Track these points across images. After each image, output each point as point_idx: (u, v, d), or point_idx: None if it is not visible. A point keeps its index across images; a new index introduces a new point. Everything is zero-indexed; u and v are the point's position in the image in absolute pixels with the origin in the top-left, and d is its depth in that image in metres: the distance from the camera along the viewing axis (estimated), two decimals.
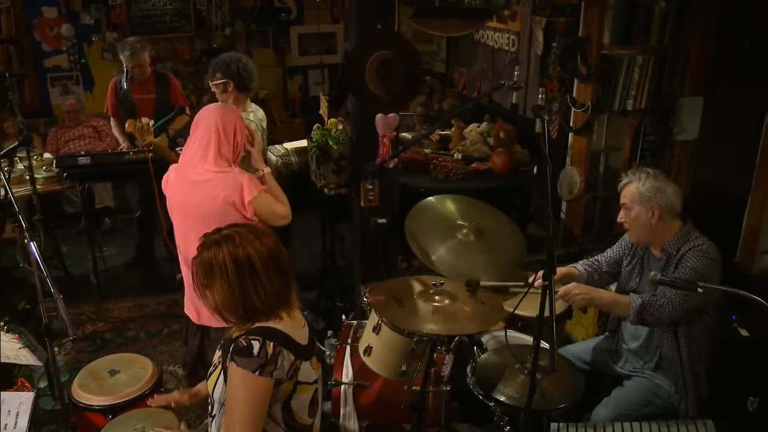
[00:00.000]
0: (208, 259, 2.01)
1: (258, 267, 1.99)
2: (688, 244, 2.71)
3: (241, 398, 1.98)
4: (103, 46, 6.42)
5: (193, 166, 2.85)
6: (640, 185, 2.72)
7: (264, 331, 2.01)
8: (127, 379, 2.70)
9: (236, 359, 1.97)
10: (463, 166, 4.23)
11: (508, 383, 2.48)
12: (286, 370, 2.01)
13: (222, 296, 2.01)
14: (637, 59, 3.92)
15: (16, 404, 2.42)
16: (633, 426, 2.59)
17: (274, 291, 2.03)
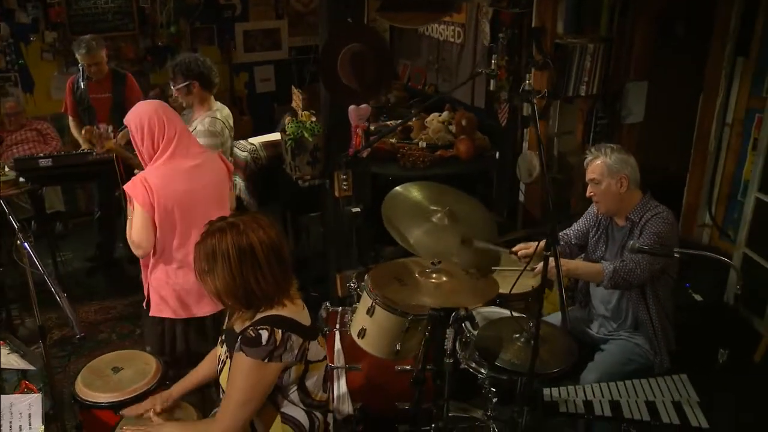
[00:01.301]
0: (212, 246, 2.08)
1: (259, 256, 2.07)
2: (649, 212, 2.96)
3: (242, 384, 2.07)
4: (42, 46, 6.21)
5: (183, 156, 2.91)
6: (608, 159, 2.95)
7: (271, 320, 2.09)
8: (133, 375, 2.71)
9: (245, 349, 2.05)
10: (429, 154, 4.39)
11: (507, 352, 2.63)
12: (296, 352, 2.11)
13: (223, 282, 2.07)
14: (588, 47, 4.17)
15: (26, 406, 2.41)
16: (618, 384, 2.82)
17: (274, 280, 2.10)
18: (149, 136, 2.87)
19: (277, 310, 2.12)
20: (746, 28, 4.36)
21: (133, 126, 2.89)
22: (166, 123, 2.90)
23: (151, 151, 2.90)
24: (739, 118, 4.52)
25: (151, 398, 2.52)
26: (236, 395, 2.07)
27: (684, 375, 2.85)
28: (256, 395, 2.08)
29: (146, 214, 2.83)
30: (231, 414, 2.09)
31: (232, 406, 2.08)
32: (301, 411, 2.20)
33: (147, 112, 2.90)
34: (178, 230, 2.94)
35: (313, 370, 2.19)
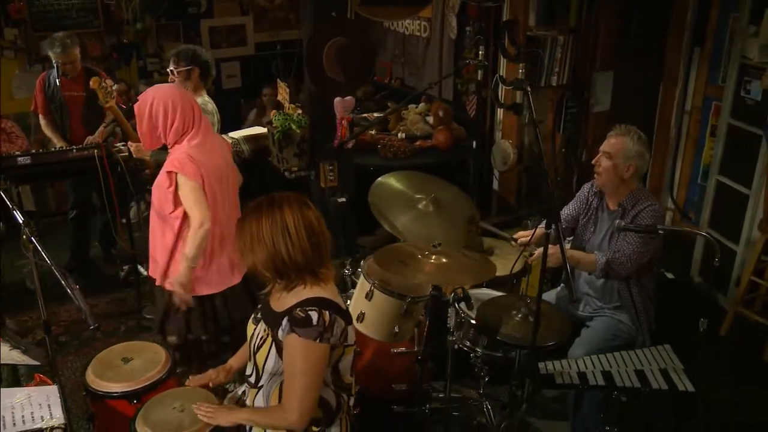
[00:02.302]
0: (252, 220, 2.15)
1: (291, 229, 2.13)
2: (642, 202, 3.10)
3: (303, 366, 2.12)
4: (2, 43, 6.09)
5: (208, 133, 3.07)
6: (630, 142, 3.05)
7: (319, 302, 2.16)
8: (143, 365, 2.74)
9: (297, 330, 2.11)
10: (409, 144, 4.50)
11: (506, 327, 2.76)
12: (339, 335, 2.18)
13: (261, 255, 2.14)
14: (558, 39, 4.34)
15: (44, 397, 2.43)
16: (607, 356, 2.98)
17: (303, 252, 2.15)
18: (181, 115, 2.93)
19: (318, 292, 2.18)
20: (702, 19, 4.62)
21: (161, 107, 2.92)
22: (192, 102, 3.02)
23: (180, 130, 2.96)
24: (697, 106, 4.79)
25: (212, 370, 2.53)
26: (300, 381, 2.12)
27: (667, 345, 3.03)
28: (317, 377, 2.14)
29: (200, 188, 2.93)
30: (300, 399, 2.13)
31: (299, 391, 2.12)
32: (331, 392, 2.27)
33: (172, 93, 2.97)
34: (218, 206, 3.06)
35: (347, 354, 2.26)
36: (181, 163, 2.92)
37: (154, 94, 2.95)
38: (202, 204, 2.97)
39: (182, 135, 2.96)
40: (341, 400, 2.32)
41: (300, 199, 2.24)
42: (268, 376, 2.26)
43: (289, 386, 2.17)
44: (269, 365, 2.23)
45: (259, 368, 2.28)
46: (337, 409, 2.30)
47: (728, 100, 4.36)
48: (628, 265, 3.07)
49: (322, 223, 2.24)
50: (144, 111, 2.92)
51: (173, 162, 2.94)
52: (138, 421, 2.42)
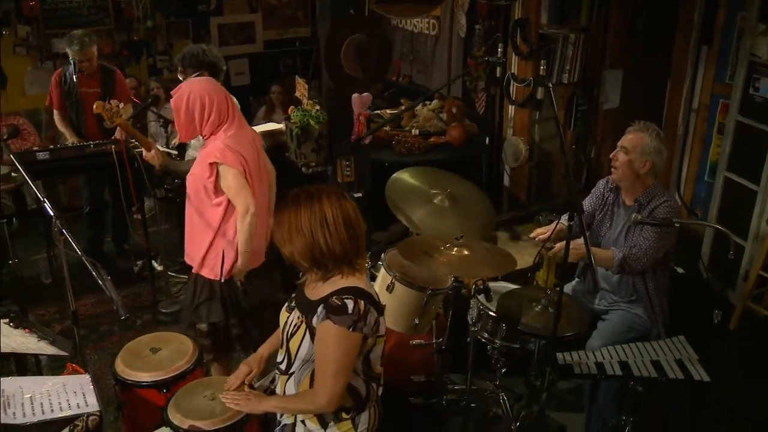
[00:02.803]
0: (290, 211, 2.19)
1: (330, 220, 2.18)
2: (657, 198, 3.16)
3: (335, 353, 2.17)
4: (14, 40, 6.13)
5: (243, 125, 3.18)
6: (648, 138, 3.11)
7: (355, 291, 2.21)
8: (172, 355, 2.80)
9: (332, 317, 2.16)
10: (422, 140, 4.56)
11: (526, 318, 2.83)
12: (372, 325, 2.23)
13: (299, 245, 2.19)
14: (570, 37, 4.40)
15: (78, 386, 2.48)
16: (623, 347, 3.04)
17: (341, 243, 2.22)
18: (217, 108, 3.03)
19: (354, 282, 2.23)
20: (709, 18, 4.68)
21: (197, 100, 3.01)
22: (227, 95, 3.12)
23: (216, 122, 3.05)
24: (704, 104, 4.84)
25: (244, 364, 2.57)
26: (331, 367, 2.17)
27: (682, 336, 3.10)
28: (348, 364, 2.19)
29: (242, 175, 3.03)
30: (330, 385, 2.19)
31: (329, 377, 2.18)
32: (361, 381, 2.32)
33: (206, 87, 3.06)
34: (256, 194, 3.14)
35: (378, 344, 2.32)
36: (222, 153, 3.00)
37: (191, 88, 3.04)
38: (247, 191, 3.07)
39: (218, 126, 3.05)
40: (371, 389, 2.37)
41: (337, 191, 2.29)
42: (300, 363, 2.30)
43: (320, 372, 2.23)
44: (302, 352, 2.28)
45: (291, 355, 2.32)
46: (366, 397, 2.36)
47: (737, 98, 4.42)
48: (644, 261, 3.13)
49: (358, 214, 2.28)
50: (181, 105, 3.01)
51: (213, 153, 3.02)
52: (170, 408, 2.47)
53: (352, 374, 2.29)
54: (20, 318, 3.14)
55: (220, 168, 3.02)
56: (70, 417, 2.31)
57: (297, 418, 2.36)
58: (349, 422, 2.33)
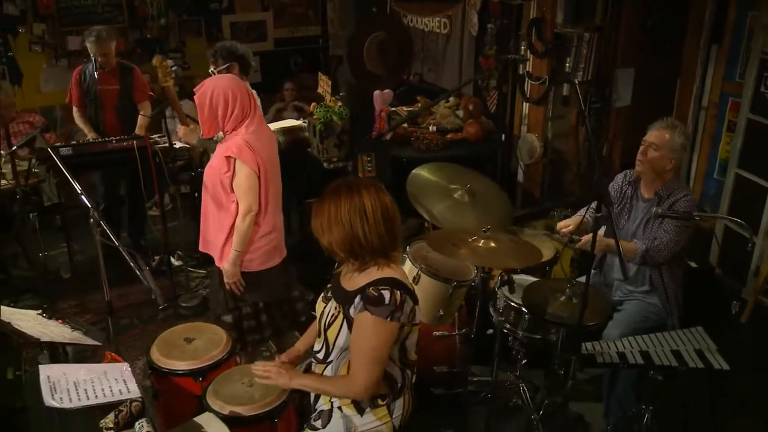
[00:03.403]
0: (330, 202, 2.26)
1: (369, 212, 2.25)
2: (678, 192, 3.25)
3: (371, 343, 2.24)
4: (30, 38, 6.19)
5: (263, 123, 3.26)
6: (676, 136, 3.20)
7: (391, 282, 2.28)
8: (206, 344, 2.86)
9: (369, 308, 2.22)
10: (440, 137, 4.64)
11: (552, 308, 2.90)
12: (408, 314, 2.30)
13: (337, 235, 2.25)
14: (584, 36, 4.47)
15: (119, 373, 2.55)
16: (643, 338, 3.11)
17: (378, 235, 2.29)
18: (240, 104, 3.09)
19: (390, 273, 2.30)
20: (720, 17, 4.75)
21: (221, 97, 3.07)
22: (249, 92, 3.19)
23: (239, 117, 3.11)
24: (714, 102, 4.91)
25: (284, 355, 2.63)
26: (367, 356, 2.25)
27: (700, 327, 3.17)
28: (385, 353, 2.26)
29: (255, 176, 3.09)
30: (366, 373, 2.26)
31: (365, 366, 2.25)
32: (397, 368, 2.39)
33: (229, 84, 3.12)
34: (270, 192, 3.22)
35: (413, 332, 2.39)
36: (239, 149, 3.07)
37: (214, 84, 3.10)
38: (254, 193, 3.13)
39: (240, 122, 3.11)
40: (406, 376, 2.45)
41: (376, 183, 2.35)
42: (339, 351, 2.37)
43: (357, 360, 2.29)
44: (340, 341, 2.35)
45: (329, 344, 2.39)
46: (402, 384, 2.43)
47: (748, 96, 4.49)
48: (665, 253, 3.21)
49: (395, 207, 2.35)
50: (205, 101, 3.06)
51: (231, 147, 3.08)
52: (209, 395, 2.54)
53: (388, 361, 2.36)
54: (52, 310, 3.21)
55: (236, 163, 3.09)
56: (115, 402, 2.37)
57: (334, 404, 2.42)
58: (385, 408, 2.41)
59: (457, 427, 3.36)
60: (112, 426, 2.28)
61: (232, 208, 3.18)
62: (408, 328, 2.34)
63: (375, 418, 2.39)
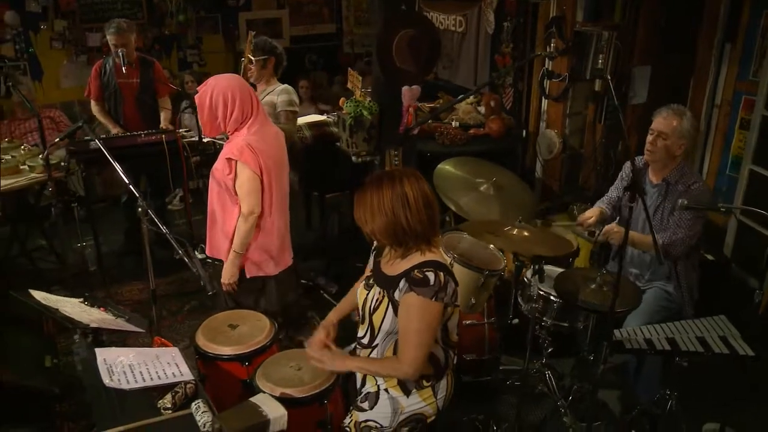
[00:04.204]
0: (372, 192, 2.36)
1: (411, 200, 2.35)
2: (687, 177, 3.31)
3: (419, 324, 2.34)
4: (51, 34, 6.27)
5: (267, 122, 3.24)
6: (685, 121, 3.27)
7: (434, 264, 2.38)
8: (251, 330, 2.95)
9: (415, 289, 2.32)
10: (463, 132, 4.74)
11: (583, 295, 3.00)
12: (451, 295, 2.40)
13: (380, 222, 2.35)
14: (603, 34, 4.57)
15: (170, 357, 2.64)
16: (669, 325, 3.21)
17: (420, 222, 2.38)
18: (240, 104, 3.07)
19: (432, 257, 2.40)
20: (734, 17, 4.86)
21: (220, 97, 3.06)
22: (250, 92, 3.16)
23: (239, 119, 3.10)
24: (727, 100, 5.01)
25: (321, 326, 2.70)
26: (414, 338, 2.34)
27: (722, 316, 3.28)
28: (431, 333, 2.36)
29: (257, 178, 3.09)
30: (413, 353, 2.35)
31: (412, 347, 2.35)
32: (440, 349, 2.49)
33: (231, 84, 3.10)
34: (274, 192, 3.22)
35: (455, 313, 2.49)
36: (240, 151, 3.06)
37: (214, 84, 3.09)
38: (256, 194, 3.13)
39: (241, 123, 3.11)
40: (449, 356, 2.54)
41: (416, 173, 2.45)
42: (384, 335, 2.46)
43: (404, 341, 2.38)
44: (386, 325, 2.44)
45: (374, 328, 2.48)
46: (445, 365, 2.53)
47: (763, 93, 4.60)
48: (681, 248, 3.30)
49: (434, 195, 2.45)
50: (204, 101, 3.06)
51: (232, 149, 3.09)
52: (259, 378, 2.63)
53: (432, 342, 2.46)
54: (94, 298, 3.29)
55: (237, 165, 3.08)
56: (170, 384, 2.45)
57: (380, 387, 2.52)
58: (430, 389, 2.51)
59: (486, 414, 3.45)
60: (170, 406, 2.36)
61: (234, 213, 3.19)
62: (450, 309, 2.44)
63: (420, 399, 2.49)
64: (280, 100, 4.11)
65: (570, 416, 3.36)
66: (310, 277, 4.74)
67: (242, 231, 3.17)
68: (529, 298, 3.43)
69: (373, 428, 2.49)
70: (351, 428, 2.53)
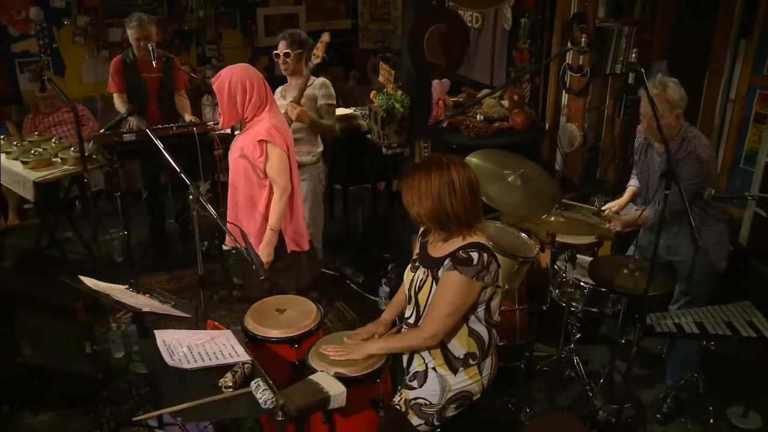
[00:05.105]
0: (420, 177, 2.47)
1: (457, 186, 2.46)
2: (689, 141, 3.29)
3: (452, 298, 2.46)
4: (74, 30, 6.35)
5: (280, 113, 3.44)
6: (671, 92, 3.27)
7: (477, 245, 2.49)
8: (298, 315, 3.04)
9: (458, 268, 2.44)
10: (488, 125, 4.86)
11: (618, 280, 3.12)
12: (493, 275, 2.51)
13: (426, 207, 2.46)
14: (624, 30, 4.68)
15: (225, 339, 2.73)
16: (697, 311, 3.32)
17: (464, 207, 2.50)
18: (258, 90, 3.25)
19: (475, 239, 2.51)
20: (749, 12, 4.96)
21: (239, 84, 3.22)
22: (263, 79, 3.34)
23: (258, 104, 3.27)
24: (741, 94, 5.12)
25: (371, 324, 2.86)
26: (443, 308, 2.46)
27: (748, 302, 3.39)
28: (460, 309, 2.48)
29: (286, 156, 3.28)
30: (437, 322, 2.48)
31: (438, 315, 2.47)
32: (483, 327, 2.60)
33: (248, 71, 3.28)
34: (294, 174, 3.40)
35: (497, 294, 2.60)
36: (269, 132, 3.24)
37: (231, 73, 3.24)
38: (287, 171, 3.32)
39: (259, 108, 3.27)
40: (492, 335, 2.65)
41: (461, 160, 2.56)
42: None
43: (432, 310, 2.51)
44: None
45: (420, 307, 2.60)
46: (489, 344, 2.64)
47: None
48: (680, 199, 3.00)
49: (479, 184, 2.56)
50: (224, 89, 3.20)
51: (261, 132, 3.24)
52: (313, 358, 2.72)
53: (476, 321, 2.57)
54: (138, 285, 3.39)
55: (268, 146, 3.25)
56: (228, 364, 2.55)
57: (428, 366, 2.62)
58: (476, 368, 2.62)
59: (518, 398, 3.56)
60: (231, 384, 2.46)
61: (264, 195, 3.34)
62: (492, 290, 2.55)
63: (467, 377, 2.60)
64: (321, 94, 4.22)
65: (600, 399, 3.47)
66: (337, 268, 4.84)
67: (278, 209, 3.34)
68: (559, 285, 3.54)
69: (423, 405, 2.60)
70: (401, 406, 2.64)
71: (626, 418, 3.48)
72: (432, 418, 2.60)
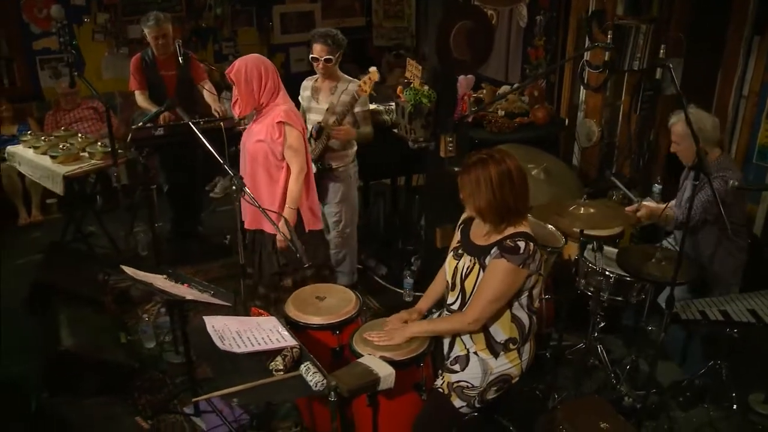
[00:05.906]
0: (477, 173, 2.57)
1: (515, 179, 2.57)
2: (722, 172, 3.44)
3: (499, 285, 2.56)
4: (94, 27, 6.43)
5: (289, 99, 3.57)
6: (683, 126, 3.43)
7: (524, 235, 2.60)
8: (338, 302, 3.13)
9: (506, 256, 2.54)
10: (509, 120, 4.95)
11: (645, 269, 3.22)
12: (537, 264, 2.62)
13: (486, 202, 2.56)
14: (642, 27, 4.77)
15: (271, 324, 2.82)
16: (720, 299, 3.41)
17: (524, 198, 2.61)
18: (272, 76, 3.41)
19: (520, 228, 2.61)
20: (763, 9, 5.05)
21: (254, 70, 3.37)
22: (275, 67, 3.49)
23: (272, 89, 3.42)
24: (754, 91, 5.21)
25: (405, 312, 2.96)
26: (489, 293, 2.56)
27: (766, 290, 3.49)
28: (505, 295, 2.58)
29: (302, 137, 3.45)
30: (482, 307, 2.58)
31: (483, 301, 2.57)
32: (525, 314, 2.70)
33: (260, 59, 3.44)
34: (308, 157, 3.56)
35: (539, 282, 2.70)
36: (287, 114, 3.40)
37: (245, 61, 3.40)
38: (303, 152, 3.49)
39: (273, 93, 3.42)
40: (532, 321, 2.76)
41: (510, 152, 2.66)
42: None
43: (478, 295, 2.62)
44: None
45: (466, 293, 2.70)
46: (529, 329, 2.74)
47: None
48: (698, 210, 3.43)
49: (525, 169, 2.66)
50: (240, 76, 3.35)
51: (280, 114, 3.40)
52: (357, 343, 2.82)
53: (519, 308, 2.67)
54: (176, 275, 3.48)
55: (286, 128, 3.40)
56: (277, 349, 2.64)
57: (470, 350, 2.73)
58: (516, 352, 2.73)
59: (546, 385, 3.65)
60: (282, 368, 2.55)
61: (283, 176, 3.48)
62: (535, 278, 2.65)
63: (507, 361, 2.71)
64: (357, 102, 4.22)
65: (626, 385, 3.56)
66: (360, 260, 4.92)
67: (296, 189, 3.48)
68: (586, 275, 3.63)
69: (465, 388, 2.70)
70: (444, 389, 2.74)
71: (650, 404, 3.57)
72: (474, 400, 2.70)
